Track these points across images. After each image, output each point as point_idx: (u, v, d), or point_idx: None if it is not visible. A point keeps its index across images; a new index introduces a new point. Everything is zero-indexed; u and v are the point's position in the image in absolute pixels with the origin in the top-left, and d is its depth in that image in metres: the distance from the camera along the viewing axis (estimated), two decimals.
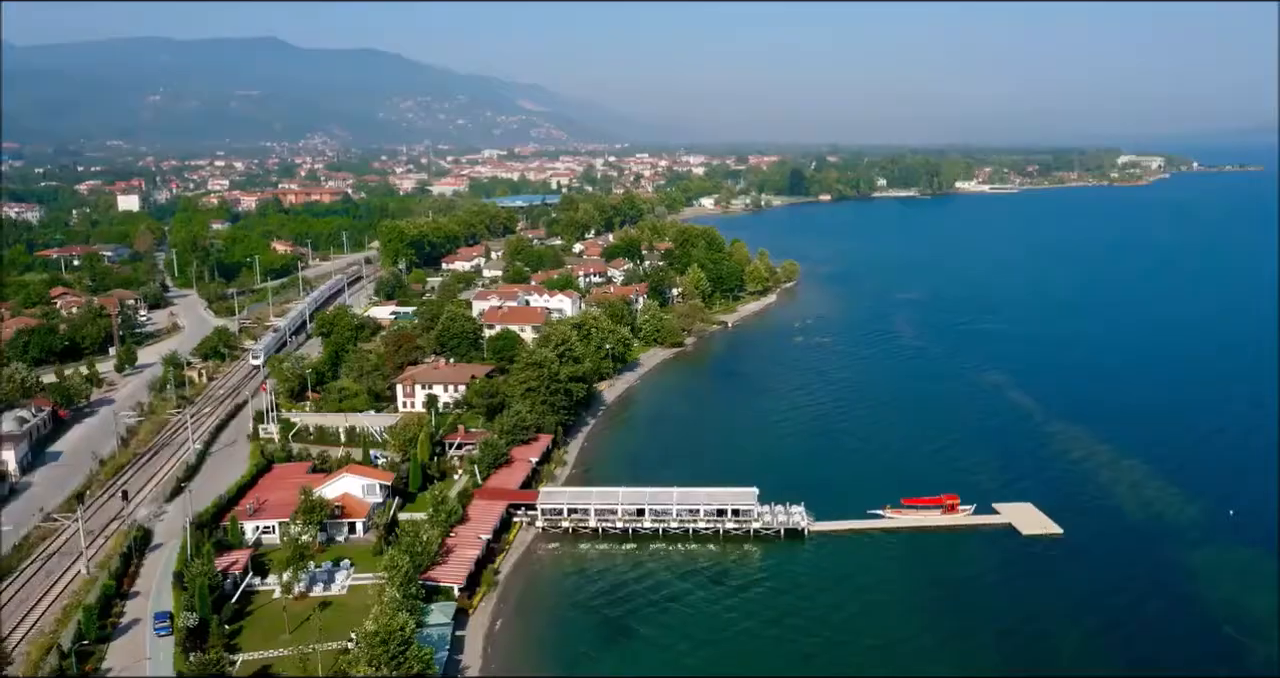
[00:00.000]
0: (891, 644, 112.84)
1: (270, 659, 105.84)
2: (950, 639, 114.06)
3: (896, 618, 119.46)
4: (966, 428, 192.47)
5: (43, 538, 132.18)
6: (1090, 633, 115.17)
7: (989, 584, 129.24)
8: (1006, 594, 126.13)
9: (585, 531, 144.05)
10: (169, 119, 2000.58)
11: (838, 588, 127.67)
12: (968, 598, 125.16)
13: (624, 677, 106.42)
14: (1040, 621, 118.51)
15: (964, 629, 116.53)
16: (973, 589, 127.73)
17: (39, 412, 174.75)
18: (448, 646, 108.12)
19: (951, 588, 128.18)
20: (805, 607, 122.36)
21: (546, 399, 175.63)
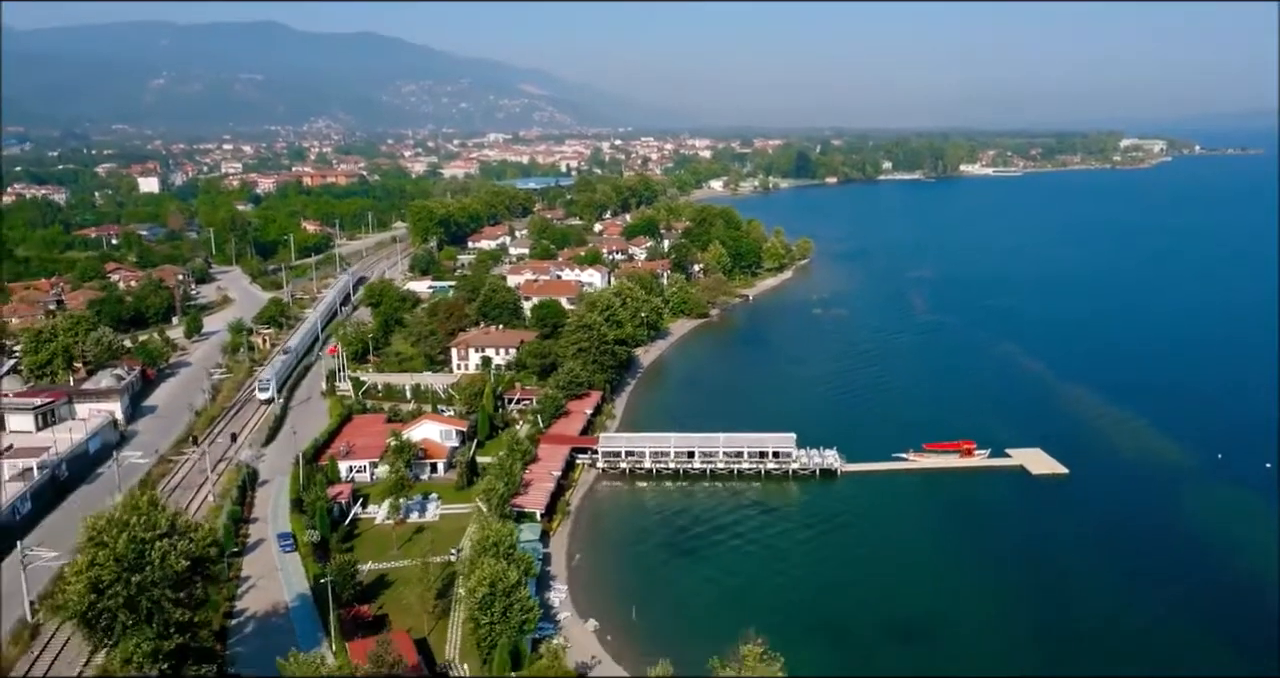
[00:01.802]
0: (916, 558, 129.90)
1: (386, 569, 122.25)
2: (966, 555, 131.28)
3: (920, 539, 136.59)
4: (981, 386, 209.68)
5: (163, 475, 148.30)
6: (1092, 549, 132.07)
7: (1002, 514, 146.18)
8: (1017, 522, 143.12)
9: (641, 471, 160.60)
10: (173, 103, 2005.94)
11: (869, 518, 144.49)
12: (982, 525, 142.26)
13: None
14: (1047, 541, 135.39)
15: (979, 548, 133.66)
16: (987, 518, 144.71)
17: (130, 371, 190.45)
18: (540, 556, 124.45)
19: (968, 517, 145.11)
20: (841, 532, 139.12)
21: (596, 358, 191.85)
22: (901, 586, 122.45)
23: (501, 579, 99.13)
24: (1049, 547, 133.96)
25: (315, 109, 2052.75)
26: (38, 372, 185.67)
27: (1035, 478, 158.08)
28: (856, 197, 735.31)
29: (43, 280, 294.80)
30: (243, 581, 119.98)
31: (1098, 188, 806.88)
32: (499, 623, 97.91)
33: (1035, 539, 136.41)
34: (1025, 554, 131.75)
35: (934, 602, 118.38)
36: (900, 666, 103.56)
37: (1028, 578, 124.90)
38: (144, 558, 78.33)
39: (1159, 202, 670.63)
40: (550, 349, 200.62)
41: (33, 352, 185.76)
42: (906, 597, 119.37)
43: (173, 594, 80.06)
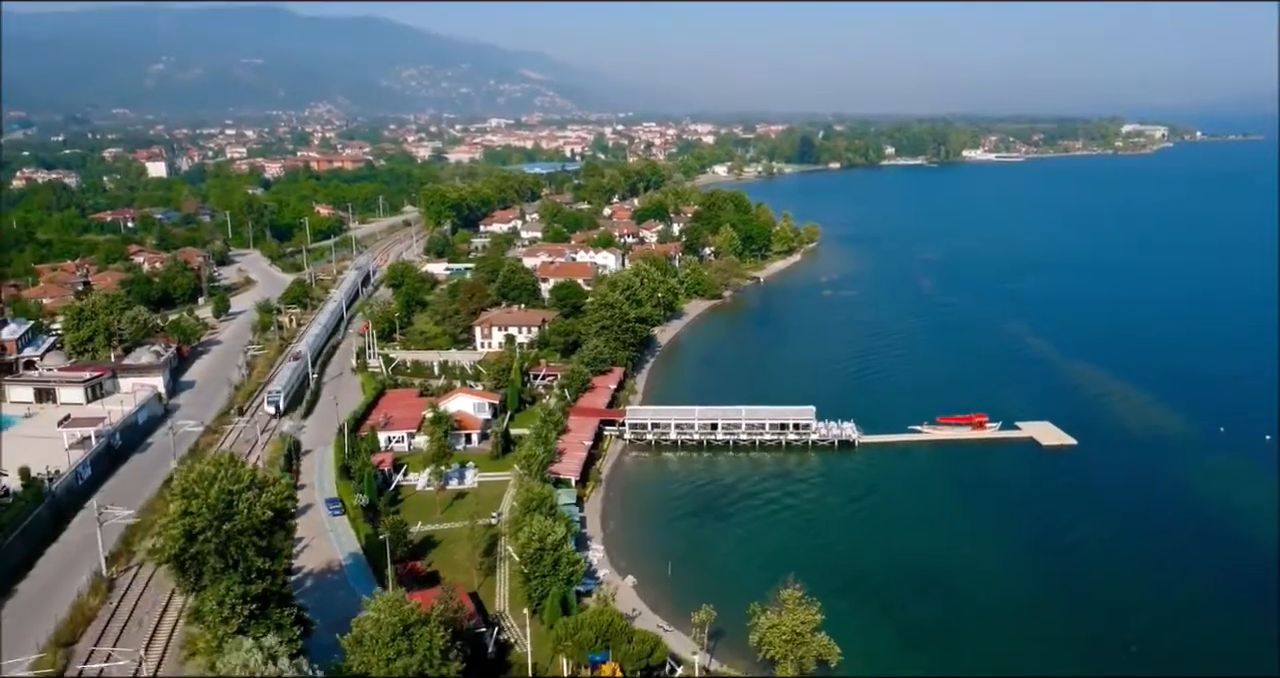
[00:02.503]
0: (934, 521, 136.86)
1: (432, 531, 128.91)
2: (981, 518, 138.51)
3: (937, 503, 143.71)
4: (991, 363, 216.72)
5: (210, 444, 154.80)
6: (1099, 513, 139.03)
7: (1013, 482, 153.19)
8: (1029, 489, 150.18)
9: (666, 442, 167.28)
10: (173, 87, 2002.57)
11: (886, 484, 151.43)
12: (995, 491, 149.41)
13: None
14: (1057, 506, 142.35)
15: (992, 512, 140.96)
16: (1000, 485, 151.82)
17: (167, 348, 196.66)
18: (577, 519, 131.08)
19: (982, 485, 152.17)
20: (861, 498, 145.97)
21: (618, 336, 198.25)
22: (921, 545, 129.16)
23: (550, 535, 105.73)
24: (1059, 511, 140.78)
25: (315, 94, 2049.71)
26: (79, 348, 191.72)
27: (1045, 449, 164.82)
28: (860, 182, 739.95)
29: (68, 262, 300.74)
30: (296, 541, 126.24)
31: (1100, 173, 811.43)
32: (549, 576, 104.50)
33: (1045, 504, 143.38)
34: (1036, 517, 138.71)
35: (952, 559, 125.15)
36: (924, 614, 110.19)
37: (1039, 539, 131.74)
38: (232, 508, 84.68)
39: (1162, 186, 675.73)
40: (573, 327, 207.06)
41: (74, 329, 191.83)
42: (926, 555, 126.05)
43: (257, 542, 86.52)
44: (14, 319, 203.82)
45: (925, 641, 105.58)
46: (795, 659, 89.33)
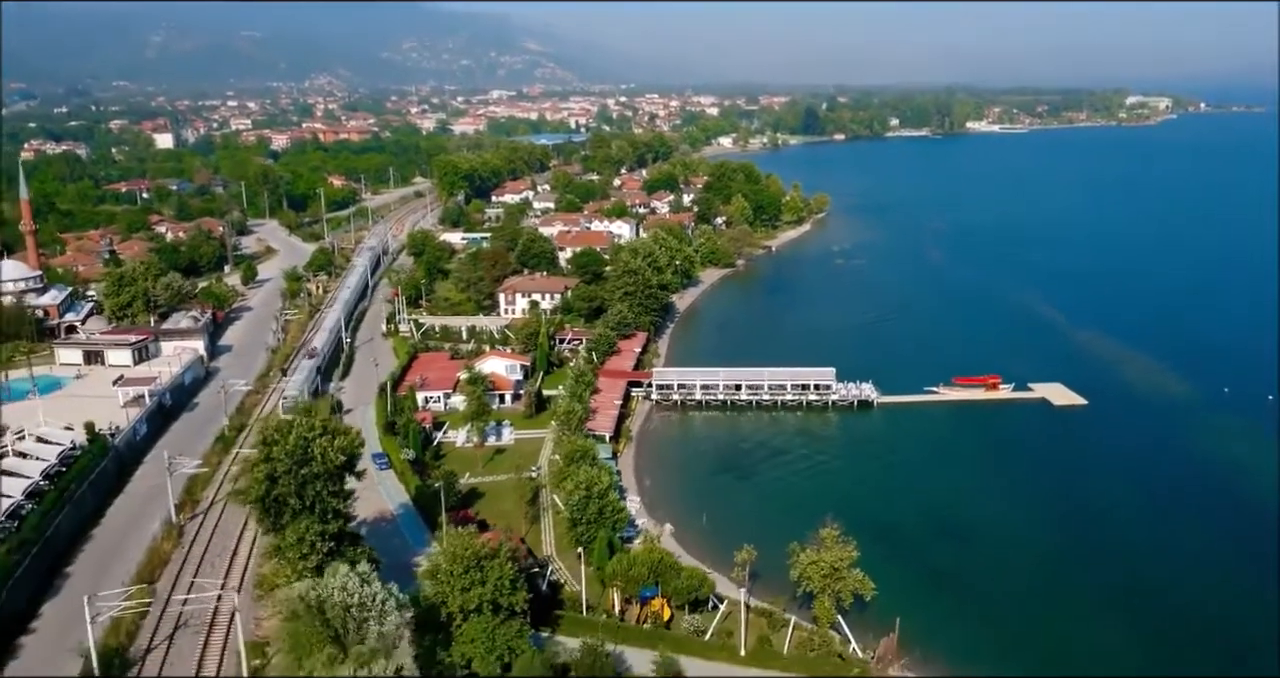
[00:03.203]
0: (951, 476, 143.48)
1: (475, 484, 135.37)
2: (997, 472, 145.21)
3: (954, 460, 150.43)
4: (1002, 328, 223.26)
5: (253, 405, 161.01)
6: (1109, 468, 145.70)
7: (1027, 439, 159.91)
8: (1042, 446, 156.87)
9: (691, 403, 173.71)
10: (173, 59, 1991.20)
11: (905, 441, 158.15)
12: (1010, 448, 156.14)
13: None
14: (1069, 462, 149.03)
15: (1007, 467, 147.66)
16: (1014, 443, 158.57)
17: (204, 313, 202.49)
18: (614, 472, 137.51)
19: (997, 442, 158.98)
20: (882, 455, 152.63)
21: (641, 301, 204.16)
22: (941, 498, 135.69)
23: (597, 483, 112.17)
24: (1071, 467, 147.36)
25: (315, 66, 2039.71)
26: (119, 313, 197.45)
27: (1057, 409, 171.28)
28: (866, 153, 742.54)
29: (92, 231, 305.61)
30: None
31: (1105, 144, 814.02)
32: (595, 522, 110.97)
33: (1058, 460, 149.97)
34: (1049, 473, 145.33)
35: (970, 511, 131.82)
36: (945, 560, 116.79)
37: (1052, 492, 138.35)
38: (309, 453, 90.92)
39: (1167, 157, 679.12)
40: (596, 293, 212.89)
41: (114, 294, 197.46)
42: (946, 507, 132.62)
43: (330, 485, 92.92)
44: (54, 286, 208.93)
45: (946, 583, 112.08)
46: (832, 593, 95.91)
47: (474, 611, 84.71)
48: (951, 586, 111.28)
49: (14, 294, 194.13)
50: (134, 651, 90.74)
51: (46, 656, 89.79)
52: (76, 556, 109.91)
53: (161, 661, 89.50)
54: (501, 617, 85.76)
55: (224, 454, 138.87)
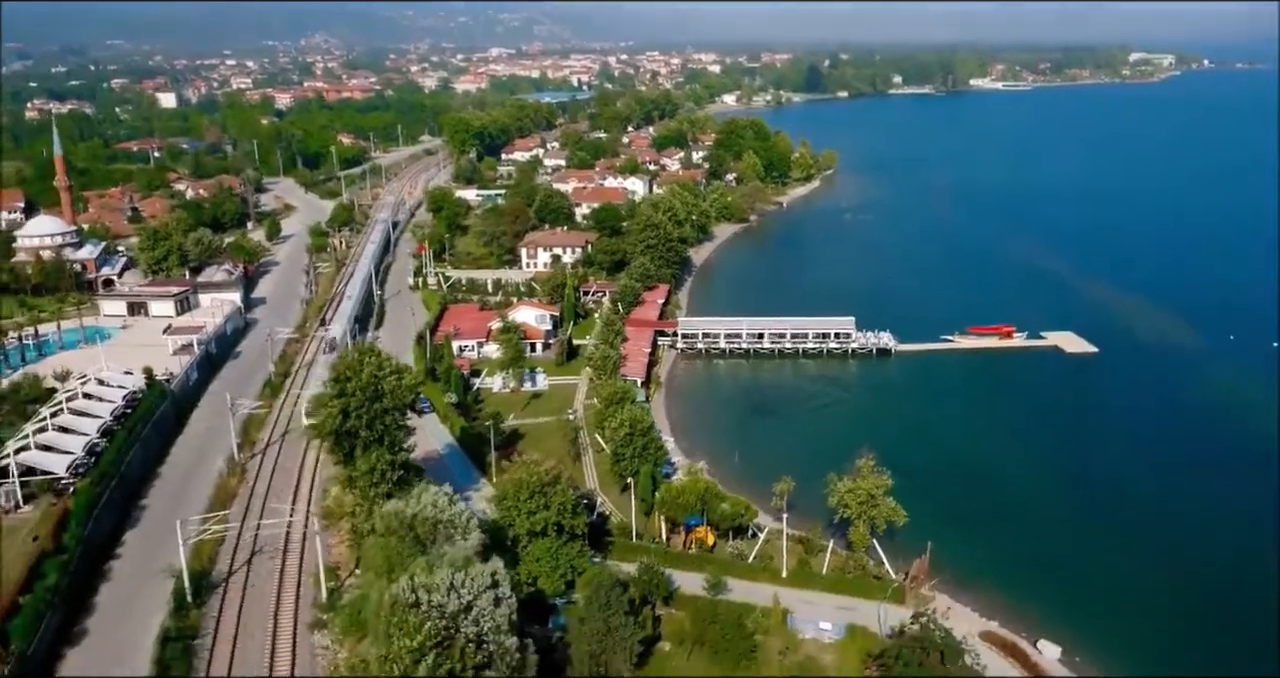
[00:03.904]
0: (969, 418, 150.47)
1: (516, 425, 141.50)
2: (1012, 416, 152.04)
3: (971, 403, 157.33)
4: (1014, 280, 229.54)
5: (295, 353, 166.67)
6: (1120, 412, 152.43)
7: (1040, 385, 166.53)
8: (1055, 391, 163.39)
9: (716, 351, 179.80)
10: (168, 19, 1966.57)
11: (922, 386, 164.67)
12: (1024, 393, 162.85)
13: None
14: (1081, 406, 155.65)
15: (1022, 411, 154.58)
16: (1028, 388, 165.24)
17: (236, 267, 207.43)
18: None
19: (1011, 387, 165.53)
20: (902, 399, 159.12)
21: (663, 254, 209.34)
22: (961, 439, 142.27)
23: (640, 421, 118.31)
24: (1083, 410, 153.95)
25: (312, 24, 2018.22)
26: (154, 267, 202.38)
27: (1069, 356, 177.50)
28: (870, 110, 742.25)
29: (112, 189, 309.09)
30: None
31: (1108, 101, 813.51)
32: (638, 457, 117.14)
33: (1071, 404, 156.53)
34: (1062, 416, 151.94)
35: (988, 451, 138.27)
36: (969, 494, 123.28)
37: (1066, 434, 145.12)
38: (379, 390, 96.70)
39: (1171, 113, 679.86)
40: (618, 246, 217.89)
41: (149, 248, 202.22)
42: (966, 447, 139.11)
43: (398, 420, 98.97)
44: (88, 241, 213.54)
45: (970, 514, 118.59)
46: (867, 519, 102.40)
47: (539, 533, 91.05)
48: (974, 516, 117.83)
49: (52, 248, 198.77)
50: (216, 574, 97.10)
51: (135, 578, 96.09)
52: (149, 490, 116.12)
53: (244, 583, 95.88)
54: (564, 539, 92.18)
55: (274, 398, 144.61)
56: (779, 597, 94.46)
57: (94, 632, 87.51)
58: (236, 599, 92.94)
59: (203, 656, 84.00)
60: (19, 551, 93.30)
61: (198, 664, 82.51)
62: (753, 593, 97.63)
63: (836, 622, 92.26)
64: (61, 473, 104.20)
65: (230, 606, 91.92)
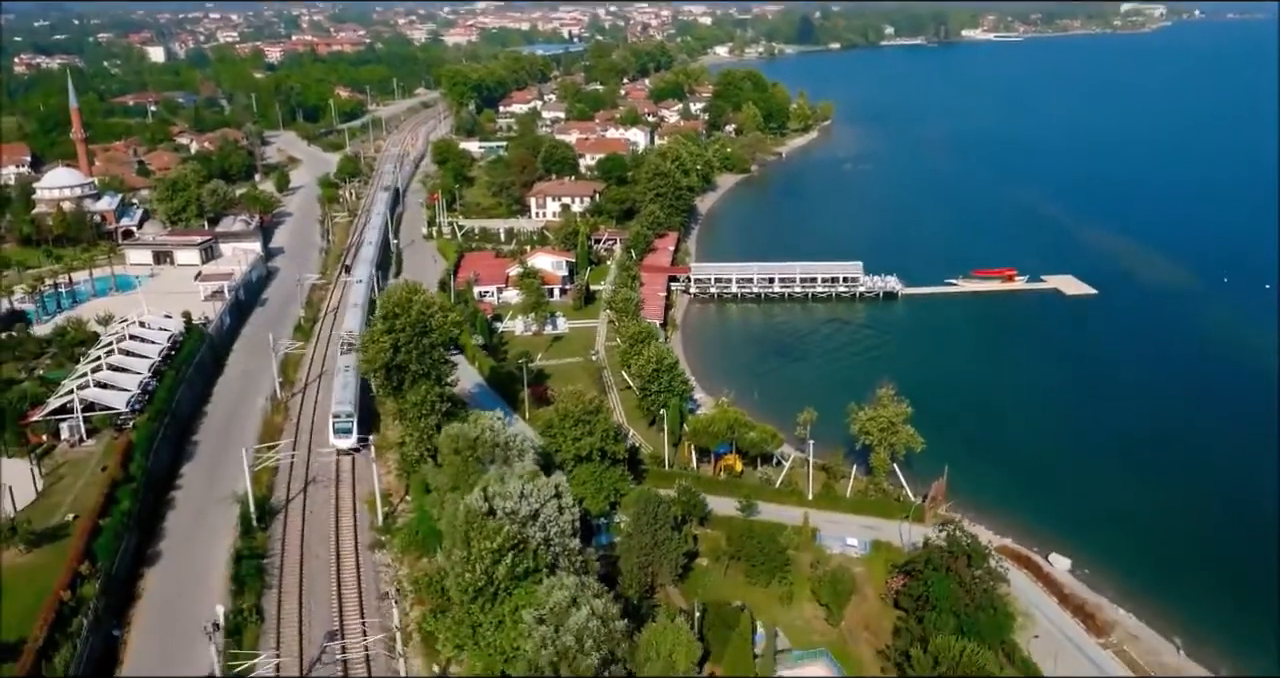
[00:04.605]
0: (976, 357, 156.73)
1: (542, 366, 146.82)
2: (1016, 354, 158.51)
3: (977, 343, 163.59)
4: (1014, 226, 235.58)
5: (320, 299, 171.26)
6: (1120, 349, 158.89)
7: (1042, 325, 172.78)
8: (1056, 331, 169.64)
9: (727, 295, 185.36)
10: None
11: (930, 327, 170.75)
12: (1027, 333, 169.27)
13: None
14: (1083, 344, 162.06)
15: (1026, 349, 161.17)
16: (1030, 328, 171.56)
17: (252, 218, 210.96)
18: None
19: (1015, 327, 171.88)
20: (910, 340, 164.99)
21: (672, 202, 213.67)
22: (968, 374, 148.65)
23: (666, 357, 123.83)
24: (1085, 347, 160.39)
25: None
26: (173, 218, 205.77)
27: (1069, 298, 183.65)
28: (863, 62, 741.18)
29: (116, 143, 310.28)
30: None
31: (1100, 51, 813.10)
32: (665, 392, 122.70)
33: (1072, 343, 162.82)
34: (1065, 353, 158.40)
35: (996, 387, 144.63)
36: (980, 425, 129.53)
37: (1069, 369, 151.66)
38: (428, 325, 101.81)
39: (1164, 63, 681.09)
40: (627, 195, 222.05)
41: (168, 199, 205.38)
42: (974, 383, 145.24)
43: (444, 354, 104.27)
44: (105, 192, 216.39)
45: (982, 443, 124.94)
46: (887, 446, 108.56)
47: (584, 458, 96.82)
48: (986, 445, 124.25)
49: (72, 200, 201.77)
50: (275, 501, 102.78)
51: (198, 505, 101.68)
52: (198, 426, 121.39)
53: (302, 509, 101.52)
54: (606, 464, 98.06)
55: (305, 341, 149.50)
56: (807, 517, 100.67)
57: (167, 554, 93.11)
58: (297, 523, 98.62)
59: (273, 573, 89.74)
60: (90, 479, 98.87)
61: (269, 580, 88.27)
62: (781, 515, 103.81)
63: (862, 539, 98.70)
64: (122, 408, 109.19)
65: (292, 529, 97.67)
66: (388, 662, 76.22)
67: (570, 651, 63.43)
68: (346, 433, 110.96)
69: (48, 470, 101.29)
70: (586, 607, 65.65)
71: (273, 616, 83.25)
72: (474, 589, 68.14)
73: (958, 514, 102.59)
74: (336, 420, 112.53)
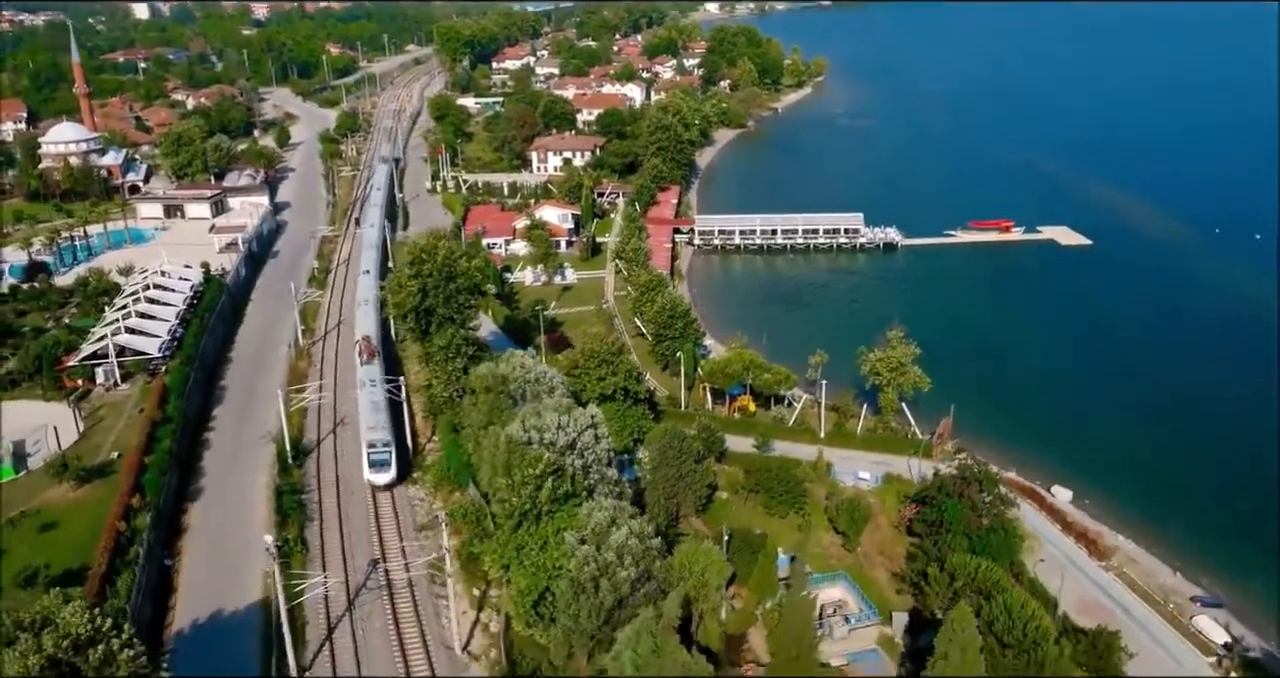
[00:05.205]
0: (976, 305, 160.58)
1: (554, 315, 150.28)
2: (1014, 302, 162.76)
3: (976, 291, 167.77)
4: (1010, 179, 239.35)
5: (331, 251, 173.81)
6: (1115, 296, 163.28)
7: (1039, 274, 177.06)
8: (1053, 279, 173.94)
9: (731, 247, 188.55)
10: None
11: (928, 276, 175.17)
12: (1024, 282, 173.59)
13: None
14: (1079, 292, 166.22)
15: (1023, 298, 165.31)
16: (1028, 277, 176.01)
17: (257, 172, 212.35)
18: None
19: (1012, 276, 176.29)
20: (910, 287, 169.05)
21: (674, 156, 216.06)
22: (970, 320, 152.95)
23: (679, 304, 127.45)
24: (1082, 294, 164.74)
25: None
26: (178, 172, 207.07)
27: (1064, 248, 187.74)
28: (855, 18, 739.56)
29: (112, 99, 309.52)
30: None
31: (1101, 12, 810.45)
32: (679, 337, 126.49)
33: (1070, 290, 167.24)
34: (1063, 300, 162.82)
35: (996, 333, 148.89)
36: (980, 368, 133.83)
37: (1067, 315, 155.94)
38: (454, 270, 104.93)
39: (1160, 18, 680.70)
40: (630, 149, 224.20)
41: (173, 154, 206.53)
42: (975, 327, 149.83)
43: (470, 300, 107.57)
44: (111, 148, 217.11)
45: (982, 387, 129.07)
46: (896, 386, 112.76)
47: (608, 396, 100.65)
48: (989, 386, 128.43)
49: (78, 155, 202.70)
50: (307, 442, 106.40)
51: (232, 445, 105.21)
52: (224, 372, 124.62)
53: (334, 448, 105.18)
54: (629, 402, 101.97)
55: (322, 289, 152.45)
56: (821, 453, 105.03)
57: (208, 489, 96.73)
58: (330, 462, 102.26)
59: (312, 507, 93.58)
60: (129, 421, 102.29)
61: (310, 513, 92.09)
62: (795, 452, 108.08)
63: (873, 473, 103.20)
64: (155, 353, 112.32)
65: (326, 467, 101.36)
66: (429, 586, 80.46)
67: (611, 566, 67.60)
68: (384, 466, 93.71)
69: (86, 413, 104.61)
70: (625, 527, 69.74)
71: (316, 546, 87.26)
72: (519, 513, 72.09)
73: (964, 451, 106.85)
74: (372, 451, 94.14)
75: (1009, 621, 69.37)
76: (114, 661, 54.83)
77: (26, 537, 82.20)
